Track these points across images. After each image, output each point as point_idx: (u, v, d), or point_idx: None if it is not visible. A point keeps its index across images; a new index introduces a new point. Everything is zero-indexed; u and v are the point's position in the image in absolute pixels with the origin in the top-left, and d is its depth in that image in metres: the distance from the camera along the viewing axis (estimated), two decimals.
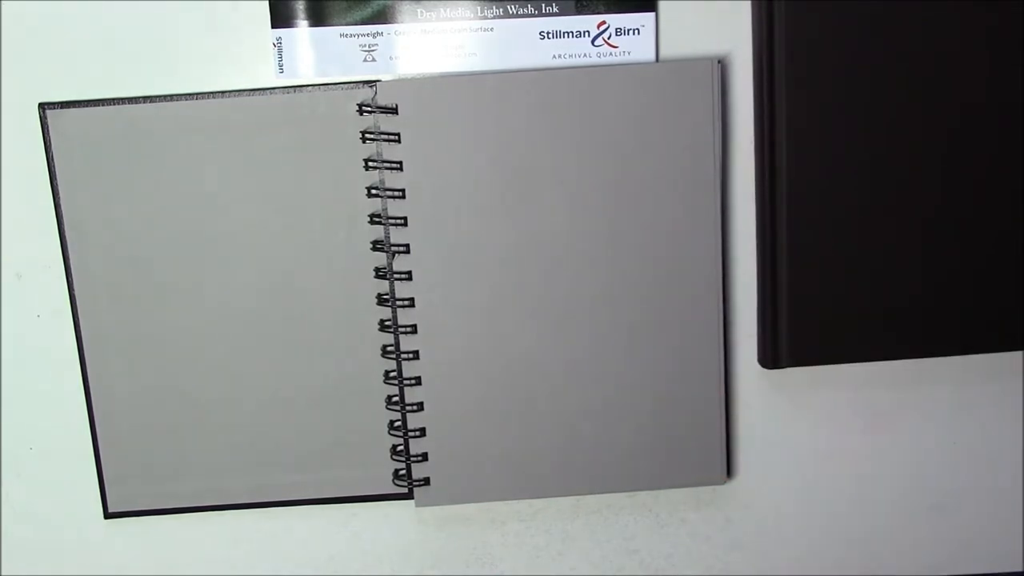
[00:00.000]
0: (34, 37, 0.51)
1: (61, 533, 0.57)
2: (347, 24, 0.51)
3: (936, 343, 0.53)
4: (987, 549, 0.59)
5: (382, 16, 0.51)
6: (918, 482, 0.58)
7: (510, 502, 0.57)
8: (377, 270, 0.53)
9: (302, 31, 0.51)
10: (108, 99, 0.51)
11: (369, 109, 0.51)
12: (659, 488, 0.56)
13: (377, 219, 0.53)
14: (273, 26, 0.51)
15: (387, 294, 0.53)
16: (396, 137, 0.51)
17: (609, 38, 0.52)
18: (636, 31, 0.52)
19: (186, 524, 0.57)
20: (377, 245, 0.53)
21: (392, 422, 0.55)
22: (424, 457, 0.55)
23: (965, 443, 0.58)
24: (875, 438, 0.57)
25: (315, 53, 0.52)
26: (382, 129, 0.52)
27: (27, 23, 0.51)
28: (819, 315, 0.53)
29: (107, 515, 0.56)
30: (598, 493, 0.56)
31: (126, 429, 0.55)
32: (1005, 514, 0.59)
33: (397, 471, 0.55)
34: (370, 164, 0.52)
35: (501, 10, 0.51)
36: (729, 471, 0.57)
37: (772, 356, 0.54)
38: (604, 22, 0.52)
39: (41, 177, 0.52)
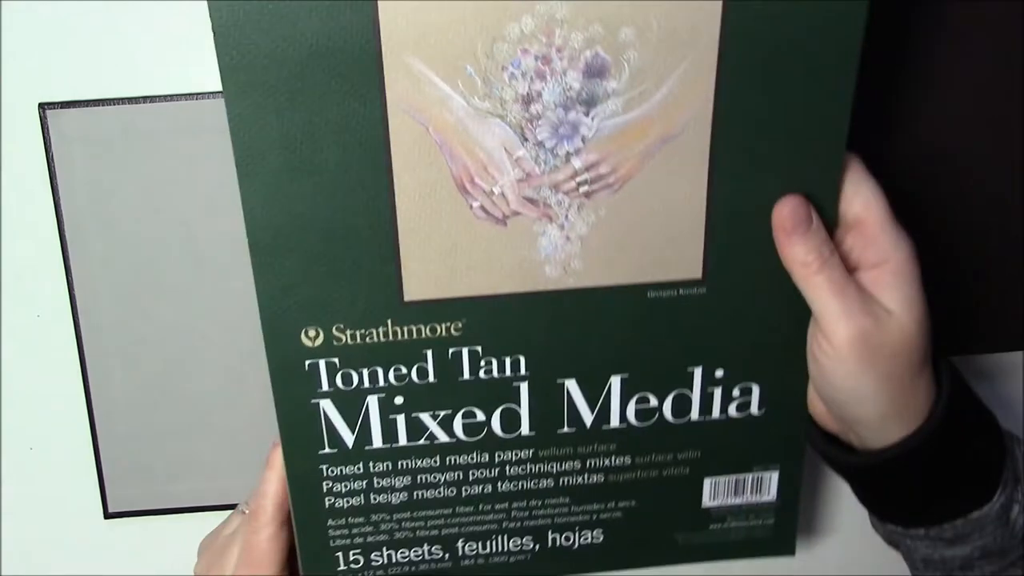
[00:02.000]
0: (34, 37, 0.51)
1: (61, 533, 0.57)
2: None
3: (936, 343, 0.53)
4: None
5: None
6: None
7: None
8: None
9: None
10: (108, 99, 0.51)
11: None
12: None
13: None
14: None
15: None
16: None
17: None
18: None
19: (186, 524, 0.57)
20: None
21: None
22: None
23: None
24: None
25: None
26: None
27: (27, 23, 0.51)
28: None
29: (107, 515, 0.56)
30: None
31: (126, 429, 0.55)
32: None
33: None
34: None
35: None
36: None
37: None
38: None
39: (41, 177, 0.52)
